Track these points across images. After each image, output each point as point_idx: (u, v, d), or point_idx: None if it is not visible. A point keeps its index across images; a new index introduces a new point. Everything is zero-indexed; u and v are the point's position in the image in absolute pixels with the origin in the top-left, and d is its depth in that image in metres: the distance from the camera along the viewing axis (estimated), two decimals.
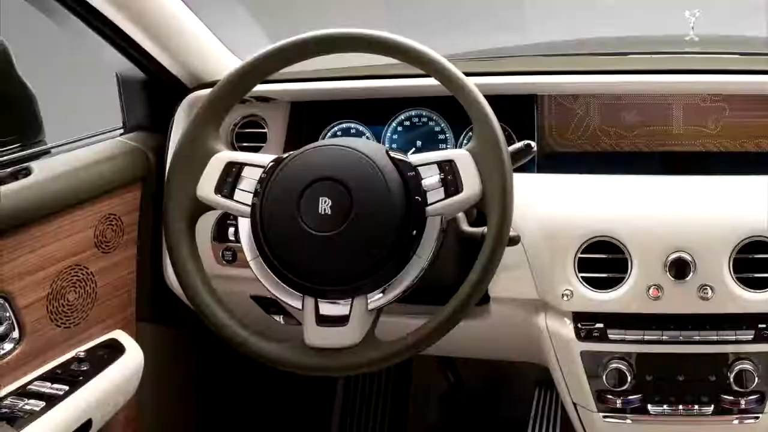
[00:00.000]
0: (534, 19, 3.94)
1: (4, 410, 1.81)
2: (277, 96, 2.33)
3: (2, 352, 1.89)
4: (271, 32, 2.68)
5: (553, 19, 3.84)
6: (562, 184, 2.14)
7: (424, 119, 2.31)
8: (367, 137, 2.33)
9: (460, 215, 1.90)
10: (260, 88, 1.96)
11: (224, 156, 1.78)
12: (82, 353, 2.03)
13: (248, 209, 1.73)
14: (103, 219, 2.13)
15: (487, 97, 1.74)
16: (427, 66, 1.74)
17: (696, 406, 2.04)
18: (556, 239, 2.01)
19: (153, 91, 2.38)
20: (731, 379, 1.99)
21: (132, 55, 2.22)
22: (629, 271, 1.97)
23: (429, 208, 1.69)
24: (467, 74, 1.75)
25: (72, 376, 1.96)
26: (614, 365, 2.01)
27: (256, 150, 2.32)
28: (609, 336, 2.01)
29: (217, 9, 2.45)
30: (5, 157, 2.03)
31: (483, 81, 2.05)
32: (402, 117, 2.32)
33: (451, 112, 2.27)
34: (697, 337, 1.99)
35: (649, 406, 2.06)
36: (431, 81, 1.76)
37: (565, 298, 1.99)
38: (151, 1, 2.16)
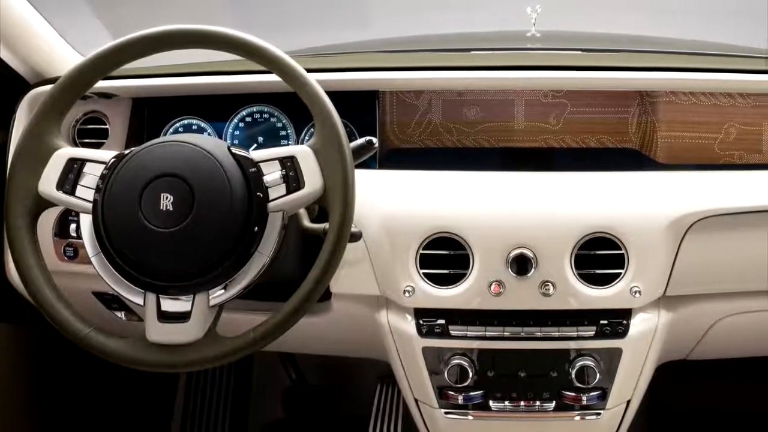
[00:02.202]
0: (377, 16, 4.09)
1: None
2: (118, 92, 2.42)
3: None
4: (113, 28, 2.80)
5: (396, 15, 3.99)
6: (403, 180, 2.28)
7: (266, 115, 2.44)
8: (209, 133, 2.45)
9: (302, 211, 2.03)
10: (102, 84, 2.10)
11: (66, 152, 1.89)
12: None
13: (90, 205, 1.84)
14: None
15: (328, 93, 1.89)
16: (268, 62, 1.89)
17: (538, 402, 2.25)
18: (397, 235, 2.15)
19: None
20: (573, 376, 2.20)
21: None
22: (471, 267, 2.14)
23: (271, 204, 1.84)
24: (309, 70, 1.90)
25: None
26: (456, 361, 2.19)
27: (98, 146, 2.41)
28: (451, 332, 2.18)
29: (58, 4, 2.52)
30: None
31: (324, 77, 2.24)
32: (243, 113, 2.44)
33: (292, 108, 2.40)
34: (539, 334, 2.19)
35: (491, 402, 2.25)
36: (273, 77, 1.91)
37: (406, 294, 2.14)
38: None
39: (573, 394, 2.24)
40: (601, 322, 2.20)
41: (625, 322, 2.21)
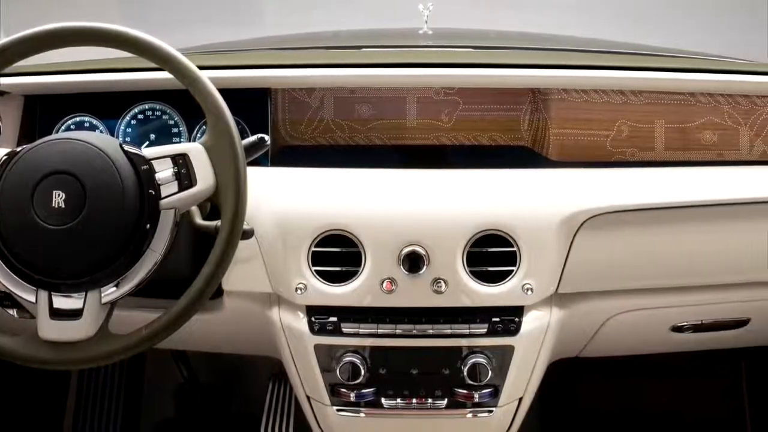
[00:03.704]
0: (270, 13, 4.17)
1: None
2: (9, 89, 2.48)
3: None
4: (4, 25, 2.86)
5: (289, 12, 4.09)
6: (296, 177, 2.36)
7: (158, 113, 2.52)
8: (101, 131, 2.51)
9: (194, 209, 2.12)
10: None
11: None
12: None
13: None
14: None
15: (221, 90, 1.99)
16: (160, 60, 1.98)
17: (430, 400, 2.33)
18: (289, 233, 2.24)
19: None
20: (465, 373, 2.28)
21: None
22: (363, 264, 2.23)
23: (163, 202, 1.94)
24: (201, 68, 1.99)
25: None
26: (348, 359, 2.27)
27: None
28: (343, 330, 2.27)
29: None
30: None
31: (217, 75, 2.32)
32: (136, 110, 2.52)
33: (185, 105, 2.50)
34: (431, 331, 2.27)
35: (383, 400, 2.33)
36: (165, 74, 2.00)
37: (298, 291, 2.23)
38: None
39: (465, 391, 2.33)
40: (494, 319, 2.30)
41: (517, 319, 2.31)
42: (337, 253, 2.26)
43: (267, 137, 2.10)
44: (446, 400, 2.35)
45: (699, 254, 2.41)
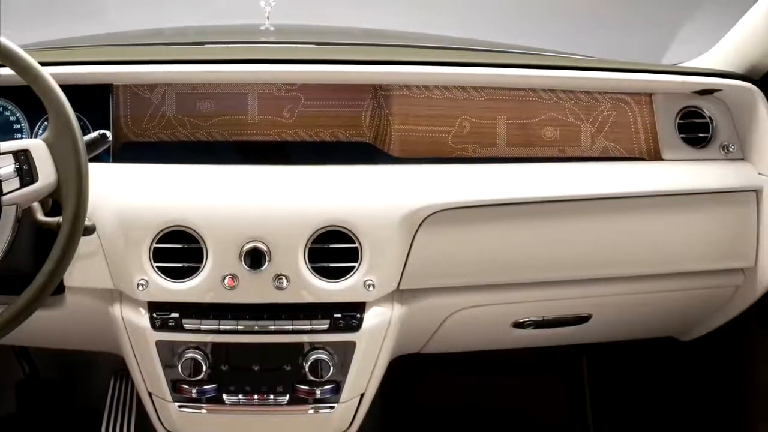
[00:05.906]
0: (113, 8, 4.23)
1: None
2: None
3: None
4: None
5: (132, 7, 4.15)
6: (137, 173, 2.44)
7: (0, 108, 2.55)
8: None
9: (36, 205, 2.17)
10: None
11: None
12: None
13: None
14: None
15: (62, 86, 2.06)
16: (0, 55, 2.04)
17: (271, 396, 2.44)
18: (131, 229, 2.31)
19: None
20: (306, 369, 2.39)
21: None
22: (204, 260, 2.32)
23: (4, 198, 1.97)
24: (42, 64, 2.06)
25: None
26: (189, 355, 2.37)
27: None
28: (184, 326, 2.36)
29: None
30: None
31: (58, 70, 2.33)
32: None
33: (27, 101, 2.54)
34: (273, 327, 2.38)
35: (225, 396, 2.43)
36: (6, 70, 2.06)
37: (140, 287, 2.31)
38: None
39: (307, 387, 2.44)
40: (335, 315, 2.41)
41: (358, 315, 2.42)
42: (179, 249, 2.34)
43: (108, 133, 2.18)
44: (288, 396, 2.46)
45: (539, 251, 2.54)
